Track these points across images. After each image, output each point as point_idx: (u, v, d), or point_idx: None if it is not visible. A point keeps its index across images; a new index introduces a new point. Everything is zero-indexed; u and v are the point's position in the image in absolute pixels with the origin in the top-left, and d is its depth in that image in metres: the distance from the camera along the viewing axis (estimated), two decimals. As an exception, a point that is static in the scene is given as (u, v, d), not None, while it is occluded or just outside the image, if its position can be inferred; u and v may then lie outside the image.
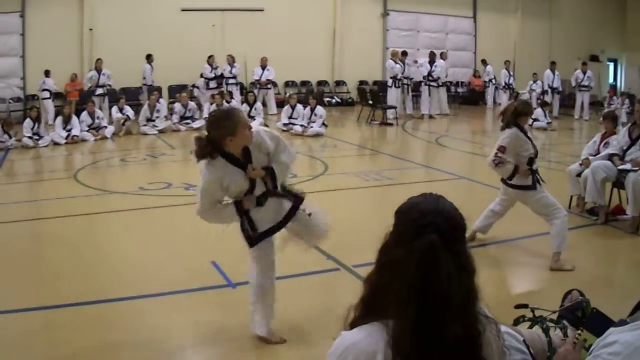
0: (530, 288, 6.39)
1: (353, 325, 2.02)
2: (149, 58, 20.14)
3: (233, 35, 21.46)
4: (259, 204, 4.67)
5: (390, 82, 20.20)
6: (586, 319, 2.73)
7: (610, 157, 8.23)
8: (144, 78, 20.29)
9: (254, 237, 4.68)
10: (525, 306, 3.27)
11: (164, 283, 6.09)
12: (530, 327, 3.11)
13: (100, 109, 17.74)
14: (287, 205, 4.77)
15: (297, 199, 4.78)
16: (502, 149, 6.57)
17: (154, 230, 8.15)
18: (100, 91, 18.83)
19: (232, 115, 4.39)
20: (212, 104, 17.96)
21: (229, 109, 4.66)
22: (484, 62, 24.90)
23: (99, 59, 19.01)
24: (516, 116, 6.60)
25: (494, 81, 24.61)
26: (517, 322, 3.16)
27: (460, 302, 1.88)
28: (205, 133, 4.49)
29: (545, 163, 13.23)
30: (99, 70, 18.78)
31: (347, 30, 24.07)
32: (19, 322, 5.26)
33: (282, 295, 4.94)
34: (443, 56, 22.10)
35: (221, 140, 4.38)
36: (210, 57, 20.27)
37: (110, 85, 19.07)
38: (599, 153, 8.64)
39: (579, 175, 8.50)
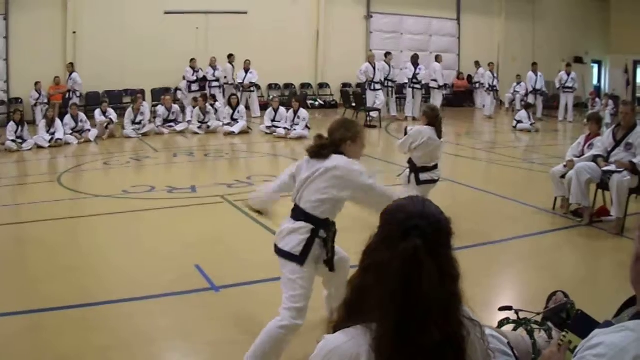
0: (514, 289, 6.40)
1: (336, 328, 2.00)
2: (230, 57, 20.55)
3: (216, 38, 21.34)
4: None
5: (366, 84, 20.28)
6: (571, 320, 2.71)
7: (594, 159, 8.24)
8: (225, 77, 20.84)
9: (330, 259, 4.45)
10: (510, 308, 3.26)
11: (148, 286, 6.06)
12: (515, 329, 3.10)
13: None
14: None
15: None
16: None
17: (138, 234, 8.10)
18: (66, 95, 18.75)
19: (357, 125, 4.66)
20: (194, 107, 17.95)
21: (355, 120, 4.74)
22: (477, 64, 24.83)
23: (69, 63, 19.00)
24: None
25: (480, 83, 24.53)
26: (501, 324, 3.16)
27: (442, 307, 1.87)
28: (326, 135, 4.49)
29: (529, 164, 13.32)
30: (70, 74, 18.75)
31: (330, 33, 24.02)
32: (4, 325, 5.22)
33: (265, 298, 4.91)
34: (438, 59, 22.15)
35: (341, 142, 4.40)
36: (192, 59, 20.26)
37: (76, 90, 18.94)
38: (583, 154, 8.66)
39: (563, 176, 8.51)
